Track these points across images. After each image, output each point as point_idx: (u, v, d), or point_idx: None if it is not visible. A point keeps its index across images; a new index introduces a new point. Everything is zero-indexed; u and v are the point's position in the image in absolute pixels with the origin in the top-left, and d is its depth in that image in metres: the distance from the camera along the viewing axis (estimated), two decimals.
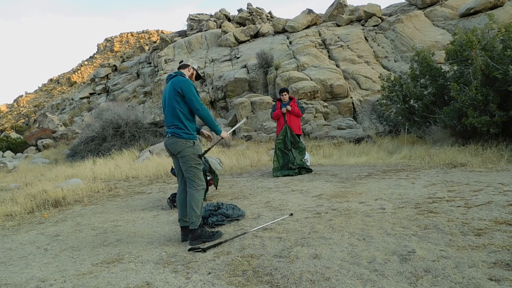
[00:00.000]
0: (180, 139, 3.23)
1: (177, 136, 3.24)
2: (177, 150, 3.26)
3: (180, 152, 3.25)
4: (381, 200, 4.21)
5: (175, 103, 3.24)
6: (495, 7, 16.65)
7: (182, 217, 3.33)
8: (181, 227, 3.35)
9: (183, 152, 3.24)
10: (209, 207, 3.92)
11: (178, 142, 3.23)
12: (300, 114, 7.30)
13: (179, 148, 3.24)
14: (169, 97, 3.27)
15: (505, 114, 7.04)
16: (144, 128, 13.30)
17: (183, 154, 3.25)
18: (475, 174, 5.46)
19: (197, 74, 3.57)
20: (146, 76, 26.90)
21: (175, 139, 3.24)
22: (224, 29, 25.07)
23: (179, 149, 3.24)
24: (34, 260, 3.03)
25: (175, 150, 3.27)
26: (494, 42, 7.62)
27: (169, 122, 3.32)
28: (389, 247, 2.65)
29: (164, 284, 2.35)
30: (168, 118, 3.33)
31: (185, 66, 3.49)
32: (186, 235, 3.28)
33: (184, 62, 3.51)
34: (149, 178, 8.20)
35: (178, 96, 3.22)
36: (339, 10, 23.98)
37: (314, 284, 2.17)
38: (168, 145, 3.31)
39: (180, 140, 3.23)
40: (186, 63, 3.50)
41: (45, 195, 6.02)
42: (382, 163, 7.88)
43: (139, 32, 61.42)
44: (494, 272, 2.12)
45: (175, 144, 3.24)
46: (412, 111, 9.77)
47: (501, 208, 3.42)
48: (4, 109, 49.77)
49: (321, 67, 16.15)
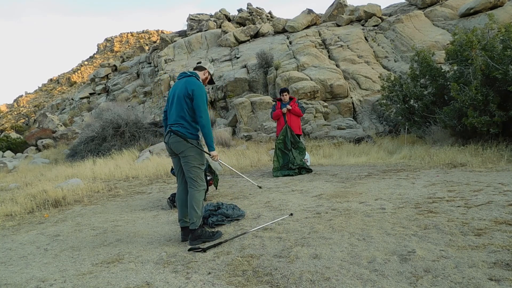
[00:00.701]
0: (183, 138, 3.19)
1: (181, 135, 3.19)
2: (180, 150, 3.21)
3: (183, 151, 3.21)
4: (381, 200, 4.21)
5: (184, 103, 3.20)
6: (495, 7, 16.64)
7: (182, 218, 3.31)
8: (181, 228, 3.33)
9: (186, 151, 3.20)
10: (209, 207, 3.92)
11: (182, 141, 3.19)
12: (300, 114, 7.29)
13: (182, 147, 3.20)
14: (179, 95, 3.24)
15: (505, 114, 7.04)
16: (144, 128, 13.30)
17: (186, 154, 3.20)
18: (475, 174, 5.46)
19: (210, 79, 3.55)
20: (146, 76, 26.90)
21: (178, 138, 3.19)
22: (224, 29, 25.07)
23: (183, 149, 3.20)
24: (34, 260, 3.04)
25: (178, 150, 3.23)
26: (494, 42, 7.61)
27: (173, 120, 3.28)
28: (389, 247, 2.65)
29: (164, 284, 2.35)
30: (173, 115, 3.28)
31: (201, 69, 3.46)
32: (186, 235, 3.27)
33: (202, 64, 3.49)
34: (149, 178, 8.20)
35: (188, 98, 3.19)
36: (339, 10, 23.98)
37: (314, 284, 2.17)
38: (171, 143, 3.25)
39: (183, 140, 3.19)
40: (204, 66, 3.47)
41: (45, 195, 6.02)
42: (382, 163, 7.88)
43: (139, 32, 61.40)
44: (494, 272, 2.12)
45: (179, 144, 3.20)
46: (412, 111, 9.77)
47: (501, 208, 3.42)
48: (4, 109, 49.76)
49: (321, 67, 16.14)
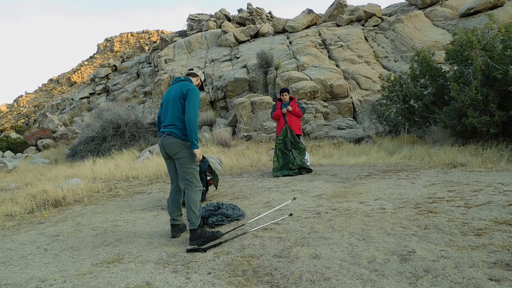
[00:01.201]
0: (178, 139, 3.23)
1: (175, 136, 3.23)
2: (174, 151, 3.25)
3: (177, 153, 3.24)
4: (381, 200, 4.21)
5: (179, 104, 3.27)
6: (495, 7, 16.64)
7: (173, 216, 3.41)
8: (171, 224, 3.44)
9: (180, 153, 3.23)
10: (209, 207, 3.92)
11: (176, 143, 3.23)
12: (301, 114, 7.29)
13: (176, 149, 3.23)
14: (175, 97, 3.31)
15: (505, 114, 7.03)
16: (144, 128, 13.31)
17: (180, 156, 3.24)
18: (475, 174, 5.46)
19: (201, 85, 3.76)
20: (146, 76, 26.89)
21: (172, 139, 3.23)
22: (224, 29, 25.07)
23: (177, 150, 3.24)
24: (34, 260, 3.03)
25: (172, 151, 3.26)
26: (494, 42, 7.61)
27: (168, 121, 3.32)
28: (389, 247, 2.65)
29: (164, 284, 2.35)
30: (168, 117, 3.33)
31: (194, 75, 3.65)
32: (176, 231, 3.39)
33: (195, 71, 3.71)
34: (149, 178, 8.20)
35: (183, 98, 3.26)
36: (339, 10, 23.99)
37: (314, 284, 2.17)
38: (165, 145, 3.28)
39: (178, 141, 3.23)
40: (196, 73, 3.69)
41: (45, 195, 6.02)
42: (382, 163, 7.87)
43: (139, 32, 61.38)
44: (494, 272, 2.12)
45: (172, 145, 3.24)
46: (412, 111, 9.77)
47: (501, 208, 3.42)
48: (4, 109, 49.75)
49: (321, 67, 16.14)
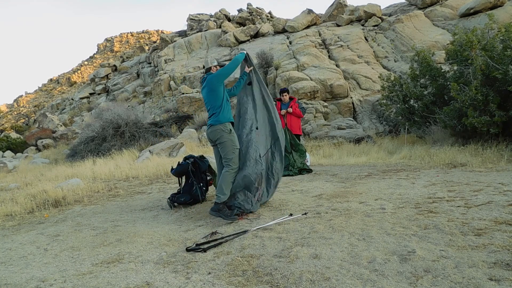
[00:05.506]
0: (217, 125, 3.73)
1: (214, 124, 3.75)
2: (216, 137, 3.75)
3: (218, 139, 3.74)
4: (381, 200, 4.21)
5: (211, 96, 3.80)
6: (495, 7, 16.65)
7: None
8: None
9: (221, 138, 3.73)
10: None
11: (216, 129, 3.74)
12: (301, 115, 7.29)
13: (217, 135, 3.74)
14: (207, 92, 3.84)
15: (505, 114, 7.03)
16: (144, 128, 13.29)
17: (221, 141, 3.73)
18: (475, 174, 5.46)
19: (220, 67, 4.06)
20: (146, 76, 26.90)
21: (213, 127, 3.76)
22: (224, 29, 25.07)
23: (218, 136, 3.74)
24: (34, 260, 3.03)
25: (214, 137, 3.78)
26: (494, 42, 7.61)
27: (209, 113, 3.87)
28: (389, 247, 2.65)
29: (164, 284, 2.35)
30: (208, 110, 3.89)
31: (209, 70, 4.04)
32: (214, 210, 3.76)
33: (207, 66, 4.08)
34: (149, 178, 8.19)
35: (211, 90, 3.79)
36: (339, 10, 23.99)
37: (314, 284, 2.17)
38: (209, 133, 3.83)
39: (218, 127, 3.72)
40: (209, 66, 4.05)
41: (45, 195, 6.02)
42: (382, 163, 7.87)
43: (139, 32, 61.41)
44: (494, 272, 2.12)
45: (214, 132, 3.76)
46: (412, 111, 9.77)
47: (501, 208, 3.42)
48: (4, 109, 49.76)
49: (321, 67, 16.14)
